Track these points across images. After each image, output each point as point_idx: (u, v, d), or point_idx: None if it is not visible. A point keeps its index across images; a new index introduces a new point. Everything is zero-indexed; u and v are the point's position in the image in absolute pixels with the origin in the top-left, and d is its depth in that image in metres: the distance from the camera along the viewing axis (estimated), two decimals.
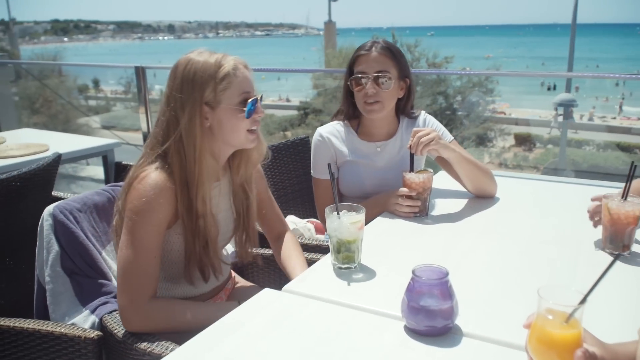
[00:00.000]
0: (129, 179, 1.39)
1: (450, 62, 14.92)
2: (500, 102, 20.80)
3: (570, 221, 1.72)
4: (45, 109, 10.25)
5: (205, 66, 1.38)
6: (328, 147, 1.99)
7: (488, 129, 14.64)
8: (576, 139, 16.90)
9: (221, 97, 1.38)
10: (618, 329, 1.10)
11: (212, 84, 1.37)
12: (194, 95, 1.37)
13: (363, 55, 1.89)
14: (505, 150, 16.33)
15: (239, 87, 1.40)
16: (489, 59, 47.99)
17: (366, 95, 1.88)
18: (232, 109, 1.39)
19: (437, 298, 1.05)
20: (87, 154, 3.00)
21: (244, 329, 1.12)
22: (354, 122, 2.04)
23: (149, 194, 1.32)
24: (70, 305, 1.49)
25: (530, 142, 18.45)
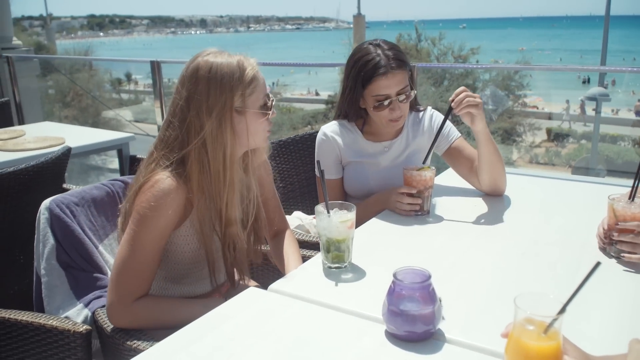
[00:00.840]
0: (139, 181, 1.37)
1: (476, 53, 14.59)
2: (532, 96, 20.31)
3: (576, 222, 1.65)
4: (76, 103, 10.48)
5: (231, 69, 1.34)
6: (333, 147, 1.95)
7: (517, 124, 14.29)
8: (611, 134, 16.39)
9: (248, 102, 1.36)
10: (610, 340, 1.04)
11: (241, 89, 1.34)
12: (223, 100, 1.33)
13: (381, 77, 1.76)
14: (535, 145, 15.95)
15: (262, 89, 1.39)
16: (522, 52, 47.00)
17: (392, 116, 1.81)
18: (257, 112, 1.38)
19: (418, 302, 1.01)
20: (101, 147, 3.04)
21: (223, 327, 1.10)
22: (359, 122, 1.98)
23: (159, 200, 1.29)
24: (65, 298, 1.51)
25: (563, 137, 17.98)
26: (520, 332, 0.83)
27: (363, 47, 1.84)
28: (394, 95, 1.79)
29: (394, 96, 1.79)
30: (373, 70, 1.77)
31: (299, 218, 2.19)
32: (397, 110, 1.80)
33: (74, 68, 11.08)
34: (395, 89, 1.78)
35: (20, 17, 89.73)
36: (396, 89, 1.78)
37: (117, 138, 3.07)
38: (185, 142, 1.35)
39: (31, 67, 5.16)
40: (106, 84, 15.58)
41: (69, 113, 10.25)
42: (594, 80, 22.64)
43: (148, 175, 1.35)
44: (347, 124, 1.97)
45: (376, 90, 1.79)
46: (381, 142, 1.96)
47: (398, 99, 1.79)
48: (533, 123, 15.48)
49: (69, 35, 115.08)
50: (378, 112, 1.82)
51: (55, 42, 32.98)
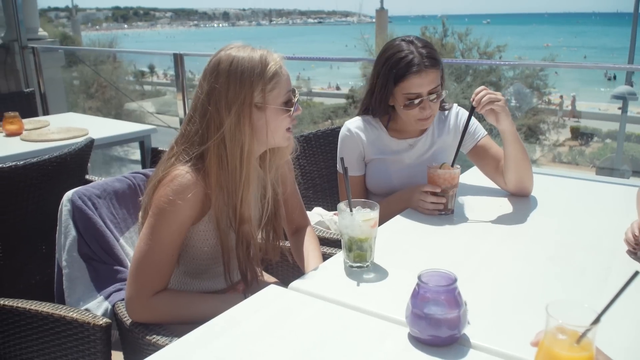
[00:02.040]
0: (158, 175, 1.36)
1: (502, 51, 14.35)
2: (557, 93, 19.97)
3: (604, 226, 1.59)
4: (99, 94, 10.60)
5: (252, 64, 1.31)
6: (357, 143, 1.91)
7: (540, 121, 14.05)
8: (637, 134, 16.03)
9: (269, 98, 1.33)
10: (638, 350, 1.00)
11: (261, 84, 1.31)
12: (243, 95, 1.31)
13: (415, 75, 1.72)
14: (559, 144, 15.69)
15: (285, 85, 1.35)
16: (548, 48, 46.15)
17: (422, 115, 1.77)
18: (277, 109, 1.35)
19: (443, 306, 0.98)
20: (123, 139, 3.05)
21: (241, 326, 1.08)
22: (384, 118, 1.94)
23: (179, 194, 1.28)
24: (86, 290, 1.51)
25: (587, 136, 17.65)
26: (552, 342, 0.80)
27: (395, 44, 1.79)
28: (425, 94, 1.74)
29: (425, 95, 1.75)
30: (406, 68, 1.72)
31: (320, 214, 2.16)
32: (427, 110, 1.76)
33: (98, 60, 11.20)
34: (427, 87, 1.74)
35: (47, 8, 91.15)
36: (428, 88, 1.74)
37: (139, 130, 3.08)
38: (205, 137, 1.33)
39: (56, 58, 5.22)
40: (129, 76, 15.74)
41: (93, 104, 10.38)
42: (620, 78, 22.12)
43: (167, 170, 1.34)
44: (371, 120, 1.93)
45: (408, 88, 1.74)
46: (406, 140, 1.92)
47: (429, 98, 1.75)
48: (557, 121, 15.22)
49: (94, 27, 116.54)
50: (408, 110, 1.77)
51: (81, 33, 33.43)
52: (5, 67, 4.86)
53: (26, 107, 3.79)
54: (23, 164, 1.96)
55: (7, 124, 2.92)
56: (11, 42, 4.88)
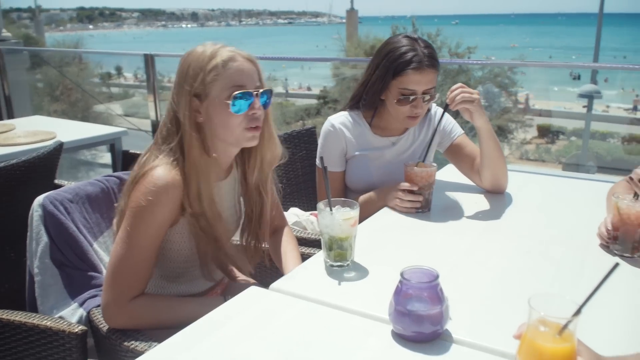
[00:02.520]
0: (133, 176, 1.34)
1: (473, 52, 14.59)
2: (523, 92, 20.40)
3: (579, 221, 1.64)
4: (65, 97, 10.35)
5: (200, 57, 1.33)
6: (340, 139, 1.91)
7: (509, 120, 14.33)
8: (601, 132, 16.50)
9: (210, 90, 1.32)
10: (620, 340, 1.03)
11: (201, 75, 1.31)
12: (186, 86, 1.32)
13: (414, 72, 1.73)
14: (526, 142, 16.02)
15: (229, 79, 1.32)
16: (514, 49, 47.06)
17: (412, 112, 1.79)
18: (220, 102, 1.33)
19: (426, 302, 0.99)
20: (93, 142, 2.98)
21: (224, 328, 1.07)
22: (368, 114, 1.94)
23: (154, 192, 1.27)
24: (59, 297, 1.47)
25: (553, 134, 18.08)
26: (534, 334, 0.81)
27: (399, 39, 1.80)
28: (419, 93, 1.76)
29: (420, 94, 1.76)
30: (408, 62, 1.74)
31: (296, 214, 2.16)
32: (418, 109, 1.78)
33: (63, 61, 10.94)
34: (424, 87, 1.76)
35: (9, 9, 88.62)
36: (424, 87, 1.76)
37: (110, 133, 3.02)
38: (172, 133, 1.35)
39: (21, 60, 5.07)
40: (96, 77, 15.43)
41: (58, 107, 10.13)
42: (585, 77, 22.74)
43: (142, 168, 1.32)
44: (355, 116, 1.93)
45: (405, 83, 1.75)
46: (389, 137, 1.94)
47: (423, 97, 1.77)
48: (524, 120, 15.55)
49: (58, 28, 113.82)
50: (400, 106, 1.79)
51: (44, 34, 32.62)
52: None
53: None
54: None
55: None
56: None
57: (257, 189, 1.53)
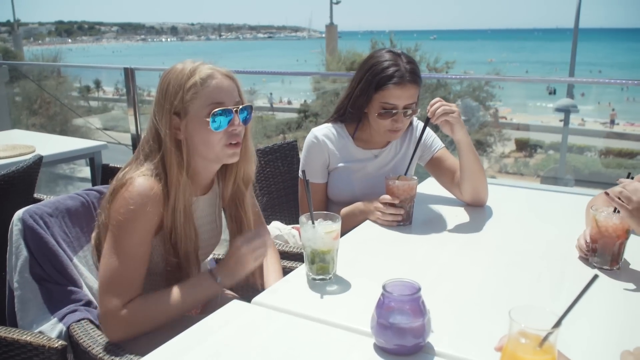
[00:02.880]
0: (113, 186, 1.35)
1: (451, 67, 14.83)
2: (502, 107, 20.75)
3: (560, 233, 1.67)
4: (43, 110, 10.22)
5: (179, 75, 1.34)
6: (322, 151, 1.93)
7: (488, 134, 14.55)
8: (578, 145, 16.81)
9: (189, 108, 1.33)
10: (600, 352, 1.05)
11: (181, 93, 1.32)
12: (166, 105, 1.34)
13: (395, 86, 1.76)
14: (505, 155, 16.24)
15: (207, 97, 1.33)
16: (491, 63, 47.87)
17: (393, 127, 1.82)
18: (200, 120, 1.34)
19: (408, 315, 1.00)
20: (72, 155, 2.95)
21: (207, 342, 1.07)
22: (352, 127, 1.97)
23: (136, 201, 1.28)
24: (39, 312, 1.44)
25: (531, 147, 18.36)
26: (515, 346, 0.82)
27: (381, 52, 1.84)
28: (400, 108, 1.79)
29: (401, 108, 1.79)
30: (390, 77, 1.77)
31: (278, 228, 2.16)
32: (399, 123, 1.80)
33: (42, 75, 10.82)
34: (405, 101, 1.78)
35: None
36: (405, 102, 1.79)
37: (89, 146, 2.99)
38: (153, 148, 1.37)
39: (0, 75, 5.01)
40: (74, 91, 15.27)
41: (37, 121, 9.99)
42: (560, 91, 23.23)
43: (122, 179, 1.33)
44: (339, 128, 1.96)
45: (387, 97, 1.78)
46: (371, 150, 1.96)
47: (404, 112, 1.80)
48: (503, 134, 15.79)
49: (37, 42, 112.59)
50: (381, 119, 1.81)
51: (23, 48, 32.24)
52: None
53: None
54: None
55: None
56: None
57: (235, 204, 1.54)
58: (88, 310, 1.45)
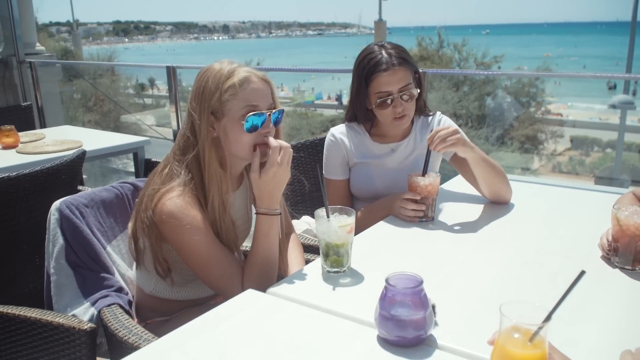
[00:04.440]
0: (152, 190, 1.43)
1: (499, 61, 14.46)
2: (557, 103, 20.05)
3: (581, 232, 1.63)
4: (97, 108, 10.69)
5: (217, 76, 1.40)
6: (340, 148, 1.98)
7: (539, 131, 14.10)
8: (638, 143, 16.06)
9: (225, 108, 1.40)
10: (605, 351, 1.03)
11: (218, 94, 1.39)
12: (203, 104, 1.40)
13: (382, 74, 1.80)
14: (559, 153, 15.71)
15: (244, 99, 1.40)
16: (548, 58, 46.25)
17: (395, 113, 1.83)
18: (234, 121, 1.40)
19: (409, 307, 1.02)
20: (116, 150, 3.10)
21: (217, 328, 1.12)
22: (367, 124, 2.01)
23: (182, 214, 1.38)
24: (73, 297, 1.55)
25: (587, 145, 17.68)
26: (506, 340, 0.83)
27: (368, 47, 1.89)
28: (396, 92, 1.81)
29: (396, 93, 1.81)
30: (374, 67, 1.81)
31: (307, 223, 2.20)
32: (399, 108, 1.82)
33: (97, 73, 11.31)
34: (397, 85, 1.80)
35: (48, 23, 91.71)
36: (398, 86, 1.80)
37: (132, 142, 3.13)
38: (188, 144, 1.44)
39: (53, 72, 5.29)
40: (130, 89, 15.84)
41: (92, 117, 10.47)
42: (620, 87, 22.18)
43: (160, 189, 1.41)
44: (355, 126, 2.00)
45: (378, 87, 1.81)
46: (388, 144, 1.98)
47: (401, 96, 1.81)
48: (555, 131, 15.26)
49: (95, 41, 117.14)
50: (381, 110, 1.84)
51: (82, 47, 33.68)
52: (4, 81, 4.94)
53: (23, 121, 3.85)
54: (15, 175, 2.01)
55: (3, 137, 2.98)
56: (9, 57, 4.97)
57: None
58: (119, 296, 1.55)
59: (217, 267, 1.41)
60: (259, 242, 1.44)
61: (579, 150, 17.35)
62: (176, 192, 1.40)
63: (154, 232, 1.43)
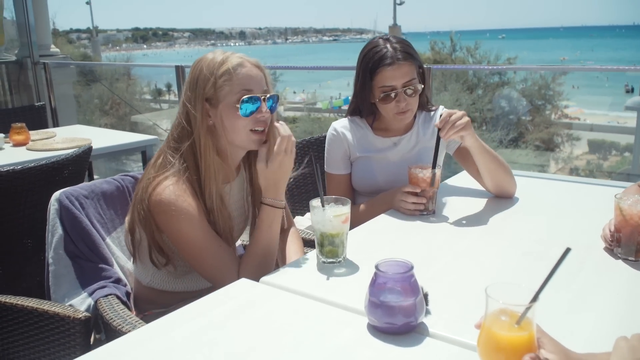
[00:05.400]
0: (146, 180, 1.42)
1: (512, 63, 14.32)
2: (574, 106, 19.79)
3: (586, 224, 1.59)
4: (114, 111, 10.82)
5: (211, 63, 1.41)
6: (342, 142, 1.96)
7: (555, 134, 13.91)
8: None
9: (220, 94, 1.40)
10: (603, 338, 1.00)
11: (212, 80, 1.39)
12: (198, 91, 1.40)
13: (387, 68, 1.78)
14: (576, 157, 15.47)
15: (238, 84, 1.40)
16: (565, 62, 45.73)
17: (399, 108, 1.81)
18: (229, 106, 1.40)
19: (399, 293, 1.00)
20: (124, 148, 3.12)
21: (206, 316, 1.11)
22: (369, 118, 1.99)
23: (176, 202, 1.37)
24: (71, 287, 1.55)
25: (605, 149, 17.39)
26: (492, 323, 0.81)
27: (373, 41, 1.86)
28: (399, 87, 1.79)
29: (400, 88, 1.79)
30: (379, 61, 1.79)
31: None
32: (402, 102, 1.79)
33: (113, 77, 11.45)
34: (401, 80, 1.78)
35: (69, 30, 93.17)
36: (402, 81, 1.78)
37: (140, 140, 3.14)
38: (182, 134, 1.43)
39: (67, 74, 5.36)
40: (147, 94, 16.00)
41: (108, 121, 10.59)
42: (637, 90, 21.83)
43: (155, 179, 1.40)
44: (358, 120, 1.98)
45: (382, 81, 1.79)
46: (390, 138, 1.95)
47: (405, 91, 1.79)
48: (571, 134, 15.06)
49: (114, 48, 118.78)
50: (385, 104, 1.82)
51: (101, 53, 34.18)
52: (19, 82, 5.03)
53: (37, 120, 3.89)
54: (20, 169, 2.03)
55: (14, 135, 3.01)
56: (24, 59, 5.05)
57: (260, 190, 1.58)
58: (117, 287, 1.54)
59: (212, 257, 1.40)
60: (262, 233, 1.43)
61: (596, 154, 17.08)
62: (171, 181, 1.39)
63: (150, 223, 1.42)
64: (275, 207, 1.44)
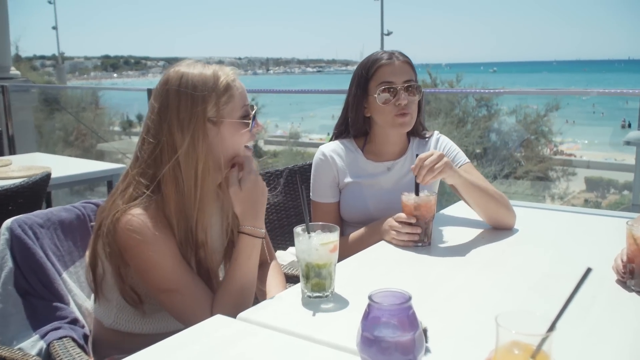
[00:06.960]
0: (113, 213, 1.34)
1: (500, 95, 14.59)
2: (570, 143, 20.20)
3: (599, 255, 1.56)
4: (79, 142, 10.70)
5: (203, 78, 1.35)
6: (330, 167, 1.92)
7: (549, 169, 14.13)
8: None
9: (224, 112, 1.36)
10: None
11: (215, 98, 1.34)
12: (196, 111, 1.33)
13: (385, 64, 1.82)
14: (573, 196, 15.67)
15: (240, 99, 1.39)
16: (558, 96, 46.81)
17: (399, 107, 1.81)
18: (235, 123, 1.37)
19: (395, 328, 0.94)
20: (88, 177, 3.04)
21: (176, 354, 1.04)
22: (360, 140, 1.96)
23: (142, 233, 1.31)
24: (20, 328, 1.46)
25: (603, 187, 17.67)
26: (504, 357, 0.76)
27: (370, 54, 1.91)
28: (399, 83, 1.80)
29: (400, 84, 1.80)
30: (378, 60, 1.83)
31: (293, 254, 2.13)
32: (402, 100, 1.79)
33: (80, 106, 11.38)
34: (401, 77, 1.81)
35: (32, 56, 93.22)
36: (402, 78, 1.81)
37: (106, 169, 3.08)
38: (159, 160, 1.35)
39: (28, 99, 5.29)
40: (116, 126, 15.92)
41: (72, 152, 10.45)
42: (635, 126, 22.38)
43: (123, 211, 1.33)
44: (347, 142, 1.96)
45: (381, 77, 1.81)
46: (383, 162, 1.93)
47: (404, 88, 1.80)
48: (566, 170, 15.31)
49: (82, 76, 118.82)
50: (383, 104, 1.81)
51: (66, 82, 34.16)
52: None
53: None
54: None
55: None
56: None
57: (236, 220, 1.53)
58: (73, 328, 1.46)
59: (184, 294, 1.34)
60: (240, 265, 1.38)
61: (594, 192, 17.32)
62: (140, 210, 1.33)
63: (117, 258, 1.35)
64: (254, 237, 1.39)
